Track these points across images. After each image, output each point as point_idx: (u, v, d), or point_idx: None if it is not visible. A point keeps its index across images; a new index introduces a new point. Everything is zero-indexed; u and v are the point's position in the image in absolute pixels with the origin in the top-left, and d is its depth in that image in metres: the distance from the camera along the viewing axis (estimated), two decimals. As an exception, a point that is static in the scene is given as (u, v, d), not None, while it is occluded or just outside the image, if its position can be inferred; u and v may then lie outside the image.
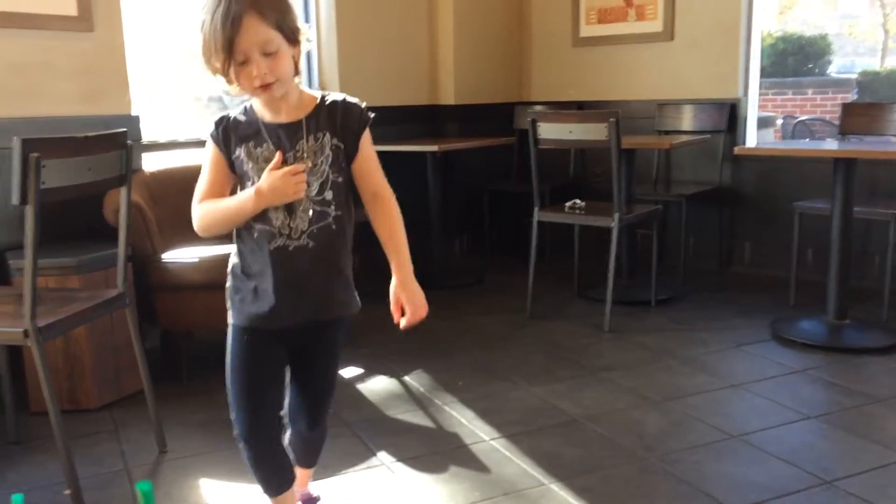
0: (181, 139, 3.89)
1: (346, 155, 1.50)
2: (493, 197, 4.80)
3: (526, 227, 3.82)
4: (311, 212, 1.48)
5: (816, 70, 10.96)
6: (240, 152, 1.48)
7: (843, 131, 3.96)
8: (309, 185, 1.47)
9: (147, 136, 3.42)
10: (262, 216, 1.48)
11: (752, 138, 4.38)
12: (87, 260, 2.63)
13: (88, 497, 2.06)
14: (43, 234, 1.95)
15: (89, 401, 2.65)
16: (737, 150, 3.53)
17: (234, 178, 1.53)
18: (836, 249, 3.17)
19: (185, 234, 3.14)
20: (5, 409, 2.43)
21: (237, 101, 1.55)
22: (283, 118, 1.48)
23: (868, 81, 10.13)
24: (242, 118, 1.50)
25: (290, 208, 1.47)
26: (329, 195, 1.49)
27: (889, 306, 3.41)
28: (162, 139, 3.75)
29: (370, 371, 2.99)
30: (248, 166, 1.48)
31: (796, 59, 10.81)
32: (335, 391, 1.73)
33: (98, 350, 2.66)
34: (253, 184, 1.46)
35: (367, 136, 1.52)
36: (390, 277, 1.61)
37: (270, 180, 1.43)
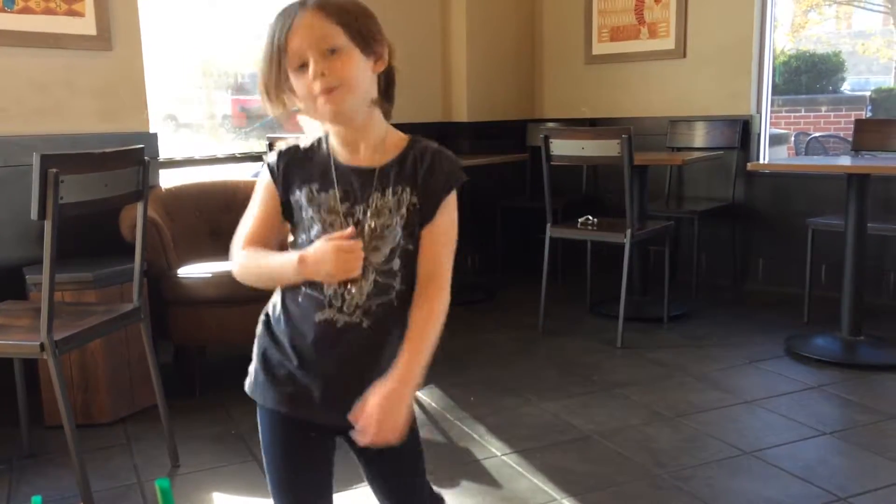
0: (197, 156, 3.94)
1: (422, 218, 1.18)
2: (506, 213, 4.82)
3: (538, 243, 3.83)
4: (371, 282, 1.17)
5: (830, 87, 10.94)
6: (300, 196, 1.19)
7: (857, 148, 3.95)
8: (378, 250, 1.17)
9: (164, 153, 3.47)
10: (312, 281, 1.18)
11: (766, 155, 4.38)
12: (103, 275, 2.66)
13: (102, 510, 2.08)
14: (60, 249, 1.98)
15: (103, 415, 2.67)
16: (750, 165, 3.54)
17: (284, 223, 1.24)
18: (850, 266, 3.16)
19: (200, 249, 3.18)
20: (20, 422, 2.46)
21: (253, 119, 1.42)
22: (361, 160, 1.18)
23: (881, 99, 10.10)
24: (312, 153, 1.21)
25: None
26: (396, 265, 1.18)
27: (905, 323, 3.39)
28: (178, 156, 3.80)
29: (382, 386, 2.99)
30: (307, 214, 1.18)
31: (809, 77, 10.80)
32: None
33: (113, 364, 2.68)
34: (308, 238, 1.18)
35: (450, 203, 1.19)
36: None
37: (320, 252, 1.12)
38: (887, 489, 2.09)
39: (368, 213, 1.17)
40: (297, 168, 1.20)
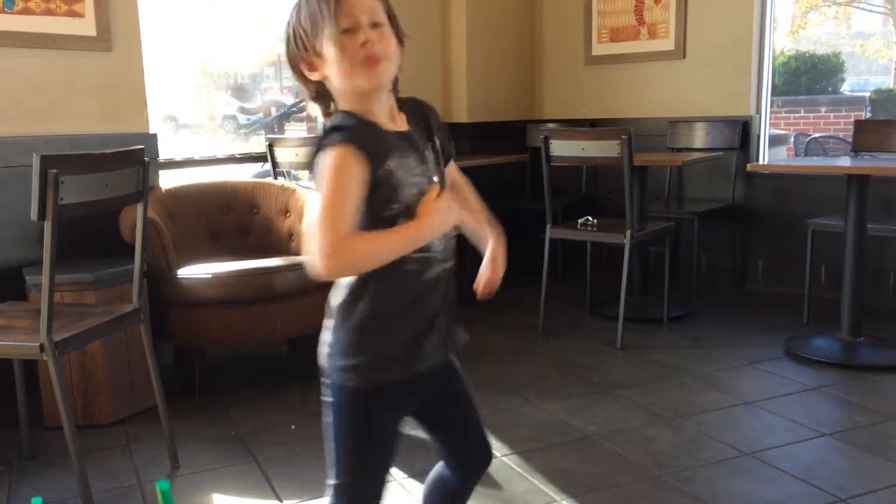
0: (197, 157, 3.94)
1: (447, 154, 1.34)
2: (506, 214, 4.77)
3: (538, 243, 3.83)
4: None
5: (829, 88, 10.94)
6: (391, 165, 1.18)
7: (856, 148, 3.95)
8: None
9: (164, 154, 3.46)
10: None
11: (765, 156, 4.38)
12: (103, 275, 2.66)
13: (102, 511, 2.08)
14: (60, 250, 1.98)
15: (103, 416, 2.67)
16: (750, 166, 3.54)
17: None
18: (850, 266, 3.16)
19: (200, 250, 3.19)
20: (20, 423, 2.45)
21: (253, 119, 1.44)
22: (396, 127, 1.25)
23: (881, 99, 10.11)
24: (362, 128, 1.18)
25: None
26: None
27: (904, 324, 3.39)
28: (178, 157, 3.80)
29: (382, 387, 2.99)
30: (403, 182, 1.20)
31: (809, 78, 10.80)
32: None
33: (112, 365, 2.68)
34: (402, 205, 1.20)
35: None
36: None
37: (440, 212, 1.20)
38: (888, 490, 2.09)
39: (430, 167, 1.26)
40: (369, 143, 1.16)
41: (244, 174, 4.27)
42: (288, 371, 3.19)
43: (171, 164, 3.68)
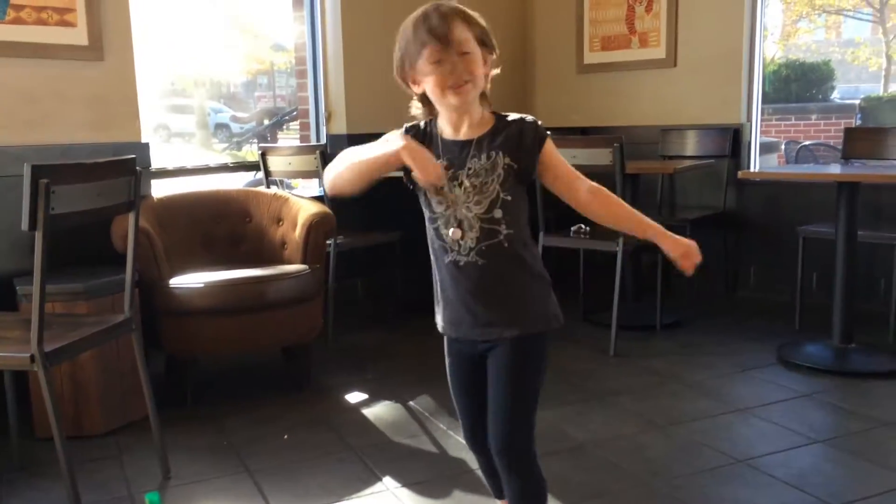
0: (189, 166, 3.93)
1: (521, 174, 1.49)
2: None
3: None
4: (478, 229, 1.49)
5: (820, 96, 11.02)
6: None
7: (847, 156, 3.97)
8: (479, 203, 1.48)
9: (156, 163, 3.46)
10: (437, 233, 1.53)
11: (756, 163, 4.40)
12: (94, 285, 2.65)
13: (93, 522, 2.06)
14: (51, 260, 1.97)
15: (94, 426, 2.66)
16: (741, 174, 3.55)
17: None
18: (841, 273, 3.17)
19: (192, 259, 3.18)
20: (10, 434, 2.44)
21: (246, 128, 1.57)
22: (461, 135, 1.51)
23: (871, 107, 10.18)
24: (424, 133, 1.55)
25: (461, 224, 1.49)
26: (498, 213, 1.49)
27: (895, 330, 3.39)
28: (170, 166, 3.80)
29: (375, 396, 2.99)
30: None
31: (799, 85, 10.87)
32: (518, 425, 1.55)
33: (104, 376, 2.67)
34: (427, 203, 1.54)
35: (548, 150, 1.51)
36: (392, 300, 1.63)
37: (419, 149, 1.44)
38: (880, 496, 2.09)
39: (467, 175, 1.48)
40: (421, 141, 1.50)
41: (237, 183, 4.26)
42: (281, 380, 3.18)
43: (164, 174, 3.67)
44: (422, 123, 1.55)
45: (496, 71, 1.52)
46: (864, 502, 2.07)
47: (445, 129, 1.53)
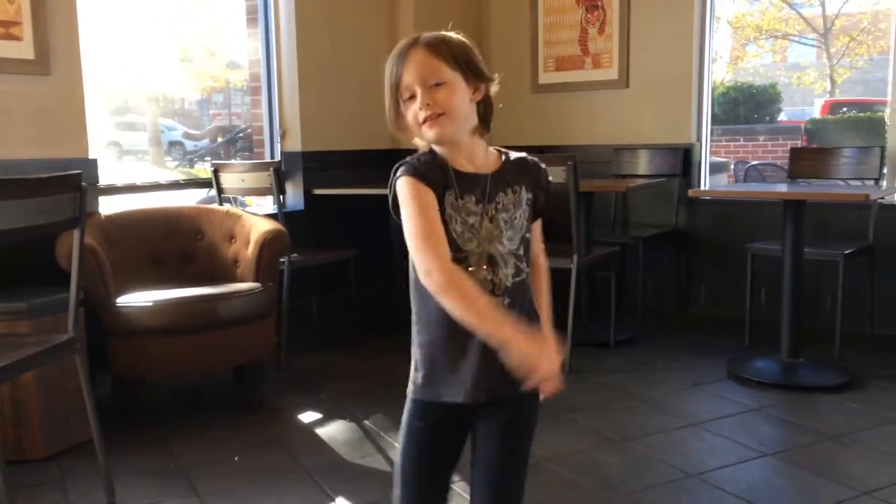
0: (139, 182, 3.86)
1: (538, 209, 1.42)
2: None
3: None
4: (512, 265, 1.36)
5: (767, 118, 11.33)
6: (447, 199, 1.33)
7: (793, 175, 4.08)
8: (511, 240, 1.36)
9: (108, 180, 3.39)
10: (465, 268, 1.32)
11: (706, 182, 4.49)
12: (37, 304, 2.57)
13: (32, 551, 1.98)
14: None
15: (36, 450, 2.57)
16: (691, 192, 3.63)
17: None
18: (788, 289, 3.24)
19: (141, 277, 3.11)
20: (-53, 460, 2.34)
21: (200, 146, 1.50)
22: (475, 169, 1.37)
23: (816, 128, 10.50)
24: (431, 165, 1.35)
25: (492, 261, 1.34)
26: (522, 250, 1.38)
27: (840, 345, 3.48)
28: (120, 182, 3.72)
29: (329, 416, 2.95)
30: (453, 219, 1.33)
31: (747, 108, 11.17)
32: (520, 491, 1.49)
33: (47, 397, 2.58)
34: (453, 233, 1.33)
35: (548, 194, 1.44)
36: (347, 319, 1.56)
37: (536, 349, 1.25)
38: (827, 508, 2.13)
39: (499, 209, 1.36)
40: (431, 176, 1.33)
41: (189, 200, 4.20)
42: (232, 401, 3.12)
43: (112, 190, 3.59)
44: (429, 156, 1.37)
45: (495, 90, 1.41)
46: (812, 514, 2.10)
47: (457, 160, 1.36)
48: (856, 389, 3.09)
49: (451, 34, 1.41)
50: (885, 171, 3.84)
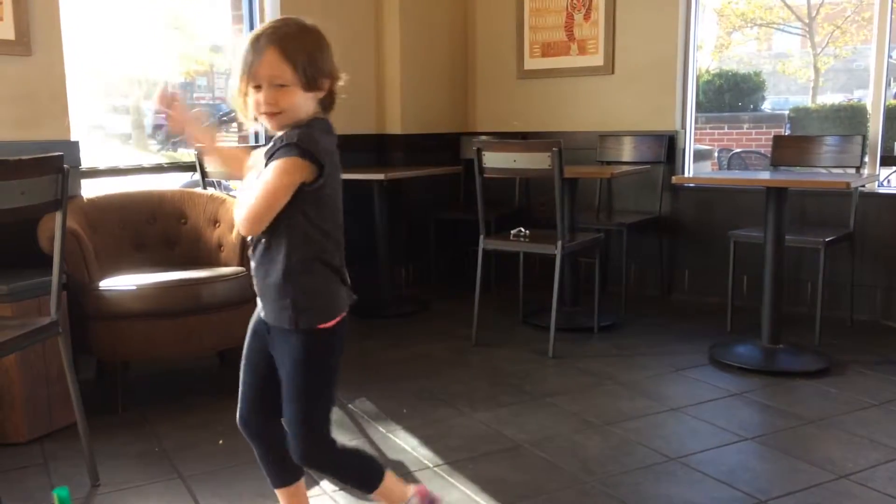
0: (122, 166, 3.83)
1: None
2: (440, 225, 4.83)
3: (472, 255, 3.85)
4: None
5: (751, 106, 11.38)
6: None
7: (775, 163, 4.11)
8: None
9: (91, 163, 3.36)
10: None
11: (690, 169, 4.52)
12: (19, 287, 2.55)
13: (15, 533, 1.98)
14: (-29, 260, 1.89)
15: (18, 434, 2.56)
16: (675, 179, 3.65)
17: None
18: (769, 276, 3.27)
19: (124, 261, 3.10)
20: (-72, 443, 2.33)
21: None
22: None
23: (799, 117, 10.57)
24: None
25: None
26: None
27: (820, 331, 3.52)
28: (102, 165, 3.69)
29: (314, 400, 2.95)
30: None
31: (732, 95, 11.21)
32: (294, 415, 1.72)
33: (29, 381, 2.57)
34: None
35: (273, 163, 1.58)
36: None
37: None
38: (806, 491, 2.17)
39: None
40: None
41: (173, 184, 4.17)
42: (216, 384, 3.12)
43: (95, 173, 3.56)
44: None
45: (341, 83, 1.61)
46: (792, 497, 2.13)
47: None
48: (835, 375, 3.13)
49: (307, 30, 1.56)
50: (866, 159, 3.88)
